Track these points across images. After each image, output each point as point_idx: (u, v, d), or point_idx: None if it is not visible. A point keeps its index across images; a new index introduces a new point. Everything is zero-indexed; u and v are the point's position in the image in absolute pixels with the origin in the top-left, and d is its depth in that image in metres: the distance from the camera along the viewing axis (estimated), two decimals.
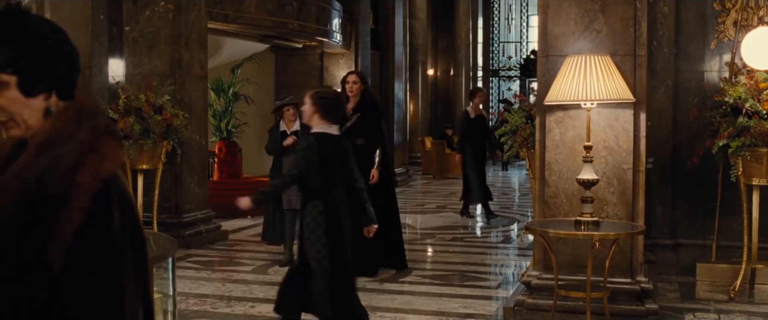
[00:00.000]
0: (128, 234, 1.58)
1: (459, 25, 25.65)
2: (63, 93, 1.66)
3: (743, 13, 7.16)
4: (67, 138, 1.58)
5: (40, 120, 1.61)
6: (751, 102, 6.28)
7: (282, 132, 8.03)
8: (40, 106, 1.62)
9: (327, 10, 13.25)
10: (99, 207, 1.53)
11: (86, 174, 1.54)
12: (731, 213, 6.95)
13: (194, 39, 9.11)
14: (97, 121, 1.64)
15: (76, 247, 1.51)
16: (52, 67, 1.63)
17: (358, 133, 7.28)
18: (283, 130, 8.05)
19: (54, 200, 1.51)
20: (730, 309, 6.20)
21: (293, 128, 8.05)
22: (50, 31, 1.65)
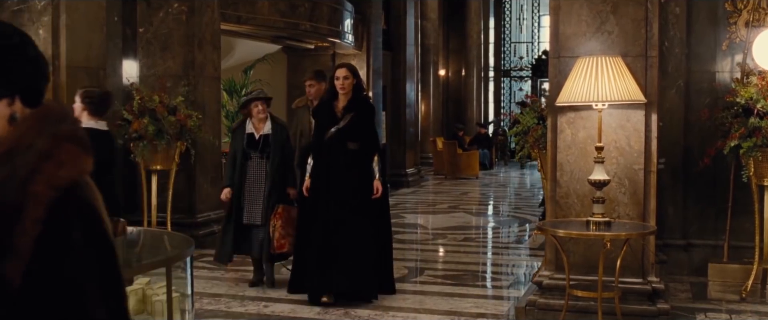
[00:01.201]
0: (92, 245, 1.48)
1: (470, 25, 25.66)
2: (28, 99, 1.56)
3: (755, 14, 7.17)
4: (26, 147, 1.48)
5: (4, 127, 1.53)
6: (762, 102, 6.29)
7: (249, 135, 6.93)
8: (2, 112, 1.53)
9: (339, 11, 13.29)
10: (55, 217, 1.43)
11: (40, 183, 1.45)
12: (743, 213, 6.95)
13: (207, 40, 9.17)
14: (60, 128, 1.53)
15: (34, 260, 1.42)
16: (14, 69, 1.53)
17: (350, 136, 6.43)
18: (250, 132, 6.94)
19: (10, 213, 1.42)
20: (741, 309, 6.22)
21: (263, 130, 6.92)
22: (12, 33, 1.55)
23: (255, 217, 6.86)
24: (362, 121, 6.48)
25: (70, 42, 7.25)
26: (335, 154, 6.38)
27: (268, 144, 6.86)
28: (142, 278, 3.30)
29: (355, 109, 6.43)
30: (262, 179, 6.86)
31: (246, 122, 6.96)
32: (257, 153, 6.89)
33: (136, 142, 8.05)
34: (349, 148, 6.41)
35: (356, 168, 6.39)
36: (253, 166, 6.90)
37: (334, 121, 6.39)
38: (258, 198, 6.86)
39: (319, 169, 6.43)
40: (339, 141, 6.38)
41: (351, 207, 6.33)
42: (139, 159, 8.16)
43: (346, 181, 6.37)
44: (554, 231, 5.38)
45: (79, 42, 7.34)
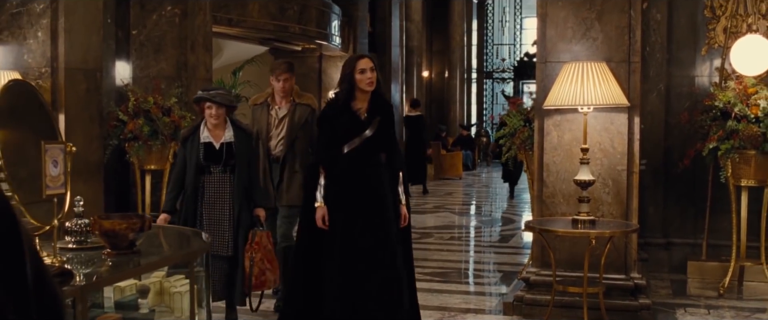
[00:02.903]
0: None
1: (453, 27, 25.91)
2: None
3: (733, 21, 7.43)
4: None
5: None
6: (739, 106, 6.55)
7: (206, 144, 5.57)
8: None
9: (327, 13, 13.50)
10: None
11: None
12: (721, 213, 7.20)
13: (200, 42, 9.34)
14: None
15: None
16: None
17: (379, 145, 5.11)
18: (207, 141, 5.58)
19: None
20: (719, 304, 6.47)
21: (224, 138, 5.59)
22: None
23: (219, 246, 5.41)
24: (388, 126, 5.19)
25: (68, 44, 7.40)
26: (363, 169, 5.06)
27: (232, 154, 5.53)
28: (158, 271, 3.49)
29: (380, 111, 5.12)
30: (226, 198, 5.53)
31: (199, 129, 5.62)
32: (219, 166, 5.53)
33: (131, 143, 8.21)
34: (380, 159, 5.12)
35: (389, 186, 5.12)
36: (212, 183, 5.52)
37: (358, 127, 5.04)
38: (222, 222, 5.51)
39: (341, 190, 5.04)
40: (367, 152, 5.06)
41: (387, 237, 5.03)
42: (134, 159, 8.32)
43: (380, 204, 5.06)
44: (541, 229, 5.61)
45: (76, 44, 7.49)
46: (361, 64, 5.05)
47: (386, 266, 4.97)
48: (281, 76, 6.28)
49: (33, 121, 2.93)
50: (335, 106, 5.15)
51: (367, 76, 5.00)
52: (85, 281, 2.59)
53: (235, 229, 5.52)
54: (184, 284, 3.47)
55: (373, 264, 4.96)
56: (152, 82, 8.76)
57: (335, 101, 5.18)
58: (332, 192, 5.04)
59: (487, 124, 28.29)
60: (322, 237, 5.02)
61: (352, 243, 4.98)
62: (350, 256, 4.98)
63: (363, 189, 5.05)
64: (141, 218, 3.18)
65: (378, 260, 4.97)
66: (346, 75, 5.09)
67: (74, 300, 2.39)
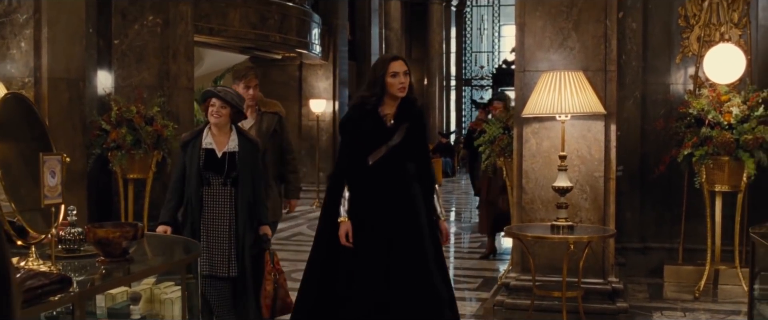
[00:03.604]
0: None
1: (432, 35, 26.09)
2: None
3: (706, 30, 7.60)
4: None
5: None
6: (713, 113, 6.71)
7: (207, 151, 5.04)
8: None
9: (307, 22, 13.61)
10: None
11: None
12: (696, 217, 7.35)
13: (181, 52, 9.40)
14: None
15: None
16: None
17: (407, 155, 4.64)
18: (208, 147, 5.05)
19: None
20: (695, 307, 6.62)
21: (228, 146, 5.05)
22: None
23: (220, 266, 4.94)
24: (418, 134, 4.72)
25: (51, 54, 7.44)
26: (390, 182, 4.61)
27: (234, 165, 4.99)
28: (148, 279, 3.57)
29: (409, 117, 4.65)
30: (225, 214, 5.00)
31: (202, 134, 5.11)
32: (220, 177, 4.99)
33: (114, 152, 8.26)
34: (409, 171, 4.66)
35: (421, 201, 4.67)
36: (212, 196, 5.00)
37: (383, 135, 4.59)
38: (223, 239, 5.00)
39: (367, 205, 4.58)
40: (394, 163, 4.61)
41: (422, 258, 4.59)
42: (117, 168, 8.37)
43: (413, 221, 4.61)
44: (521, 234, 5.73)
45: (59, 54, 7.54)
46: (394, 67, 4.53)
47: (425, 291, 4.50)
48: (252, 83, 5.88)
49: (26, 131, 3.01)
50: (361, 110, 4.62)
51: (400, 80, 4.52)
52: (81, 288, 2.67)
53: (239, 249, 4.96)
54: (175, 291, 3.56)
55: (409, 289, 4.47)
56: (134, 91, 8.83)
57: (361, 105, 4.62)
58: (356, 208, 4.56)
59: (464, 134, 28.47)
60: (341, 255, 4.55)
61: (379, 265, 4.47)
62: (377, 279, 4.47)
63: (392, 205, 4.55)
64: (134, 226, 3.26)
65: (415, 284, 4.48)
66: (378, 78, 4.54)
67: (73, 306, 2.48)
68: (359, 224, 4.55)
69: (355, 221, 4.56)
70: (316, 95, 15.16)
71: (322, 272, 4.66)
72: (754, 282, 4.09)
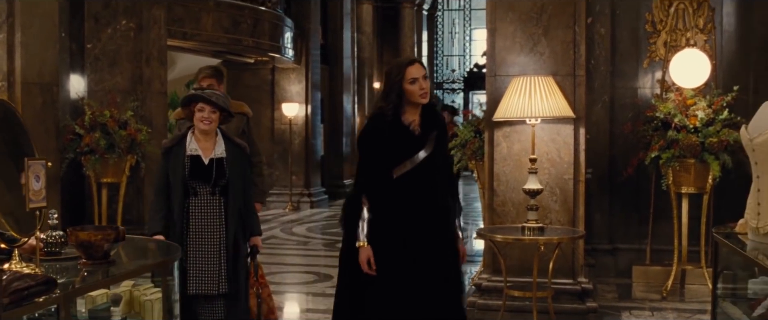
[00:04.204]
0: None
1: (404, 39, 26.15)
2: None
3: (672, 35, 7.76)
4: None
5: None
6: (679, 117, 6.86)
7: (193, 157, 4.67)
8: None
9: (280, 26, 13.66)
10: None
11: None
12: (663, 219, 7.49)
13: (155, 56, 9.43)
14: None
15: None
16: None
17: (436, 169, 4.20)
18: (193, 153, 4.67)
19: None
20: (662, 307, 6.77)
21: (215, 152, 4.71)
22: None
23: (209, 284, 4.57)
24: (444, 143, 4.38)
25: (24, 59, 7.45)
26: (418, 199, 4.15)
27: (223, 172, 4.65)
28: (127, 281, 3.63)
29: (436, 125, 4.26)
30: (215, 225, 4.63)
31: (185, 139, 4.71)
32: (208, 186, 4.62)
33: (88, 156, 8.27)
34: (439, 184, 4.23)
35: (447, 213, 4.28)
36: (199, 206, 4.62)
37: (411, 146, 4.15)
38: (212, 253, 4.60)
39: (391, 226, 4.12)
40: (423, 178, 4.14)
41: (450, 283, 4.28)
42: (90, 172, 8.39)
43: (439, 242, 4.21)
44: (492, 236, 5.84)
45: (33, 58, 7.55)
46: (412, 72, 4.13)
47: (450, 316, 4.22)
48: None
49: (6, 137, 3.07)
50: (382, 120, 4.17)
51: (420, 86, 4.12)
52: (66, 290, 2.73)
53: (231, 262, 4.61)
54: (154, 292, 3.62)
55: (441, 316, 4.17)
56: (108, 95, 8.84)
57: (381, 114, 4.18)
58: (379, 229, 4.11)
59: None
60: (366, 281, 4.11)
61: (406, 291, 4.08)
62: (405, 306, 4.09)
63: (419, 225, 4.12)
64: (116, 229, 3.33)
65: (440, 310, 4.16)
66: (394, 84, 4.14)
67: (58, 307, 2.55)
68: (385, 246, 4.08)
69: (381, 242, 4.09)
70: (288, 99, 15.20)
71: (351, 299, 4.21)
72: (717, 281, 4.22)
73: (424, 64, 4.31)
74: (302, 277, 8.51)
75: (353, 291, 4.20)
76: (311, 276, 8.18)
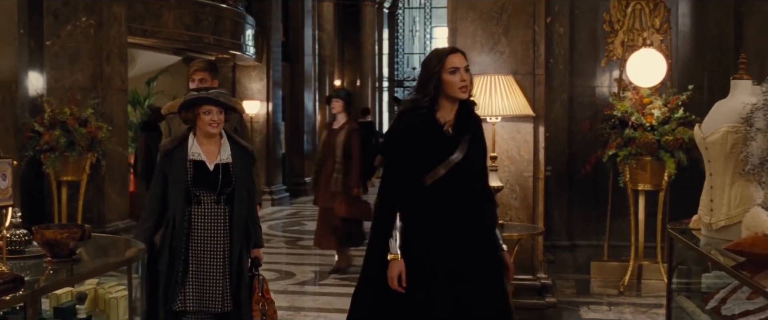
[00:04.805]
0: None
1: (365, 36, 26.20)
2: None
3: (629, 35, 7.90)
4: None
5: None
6: (636, 115, 6.99)
7: (196, 163, 4.30)
8: None
9: (241, 24, 13.63)
10: None
11: None
12: (620, 215, 7.62)
13: (115, 53, 9.38)
14: None
15: None
16: None
17: (472, 173, 3.74)
18: (197, 159, 4.30)
19: None
20: (619, 301, 6.90)
21: (220, 157, 4.34)
22: None
23: (212, 300, 4.23)
24: (481, 146, 3.85)
25: None
26: (455, 206, 3.69)
27: (229, 179, 4.28)
28: (92, 279, 3.64)
29: (471, 126, 3.76)
30: (220, 236, 4.27)
31: (187, 141, 4.30)
32: (213, 194, 4.25)
33: (48, 154, 8.21)
34: (476, 192, 3.76)
35: (488, 226, 3.82)
36: (202, 216, 4.25)
37: (444, 148, 3.67)
38: (216, 267, 4.24)
39: (428, 234, 3.65)
40: (458, 184, 3.68)
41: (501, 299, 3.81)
42: (50, 170, 8.32)
43: (481, 256, 3.74)
44: None
45: None
46: (453, 61, 3.64)
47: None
48: (196, 75, 5.20)
49: None
50: (413, 117, 3.68)
51: (461, 78, 3.62)
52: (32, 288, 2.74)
53: (235, 278, 4.27)
54: (120, 290, 3.63)
55: None
56: (68, 93, 8.78)
57: (415, 108, 3.69)
58: (412, 243, 3.62)
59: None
60: (393, 300, 3.62)
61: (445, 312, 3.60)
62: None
63: (456, 239, 3.65)
64: (81, 227, 3.34)
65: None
66: (432, 75, 3.63)
67: (24, 306, 2.56)
68: (414, 263, 3.60)
69: (410, 259, 3.60)
70: (249, 96, 15.18)
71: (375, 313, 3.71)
72: (672, 276, 4.32)
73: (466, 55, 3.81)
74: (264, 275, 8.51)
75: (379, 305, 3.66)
76: (273, 274, 8.20)
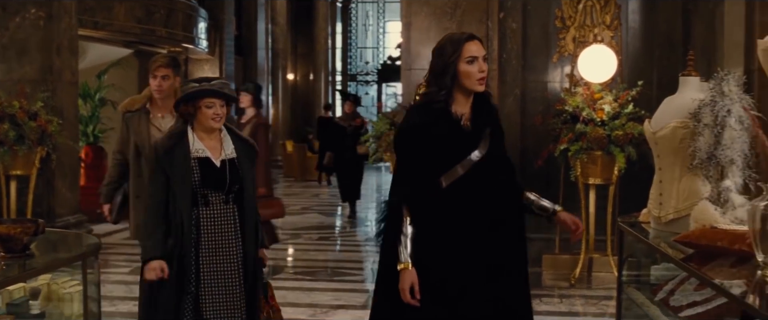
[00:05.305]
0: None
1: (318, 30, 26.19)
2: None
3: (580, 31, 8.01)
4: None
5: None
6: (587, 110, 7.09)
7: (201, 160, 3.92)
8: None
9: (193, 17, 13.54)
10: None
11: None
12: (572, 209, 7.61)
13: (65, 46, 9.26)
14: None
15: None
16: None
17: (495, 172, 3.39)
18: (201, 155, 3.92)
19: None
20: (571, 294, 7.00)
21: (224, 151, 3.98)
22: None
23: (229, 310, 3.89)
24: (501, 140, 3.52)
25: None
26: (477, 208, 3.31)
27: (237, 175, 3.95)
28: (45, 274, 3.60)
29: (490, 119, 3.44)
30: (231, 239, 3.93)
31: (186, 137, 3.93)
32: (221, 193, 3.92)
33: None
34: (500, 194, 3.38)
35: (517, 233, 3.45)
36: (212, 218, 3.91)
37: (464, 144, 3.33)
38: (230, 273, 3.91)
39: (446, 241, 3.27)
40: (480, 184, 3.32)
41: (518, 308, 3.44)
42: None
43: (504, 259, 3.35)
44: None
45: None
46: (471, 49, 3.29)
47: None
48: (159, 71, 4.86)
49: None
50: (429, 111, 3.32)
51: (480, 68, 3.29)
52: None
53: (249, 285, 3.95)
54: (73, 285, 3.61)
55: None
56: (16, 85, 8.66)
57: (429, 103, 3.33)
58: (428, 251, 3.24)
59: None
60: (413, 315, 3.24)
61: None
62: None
63: (478, 248, 3.26)
64: (35, 222, 3.31)
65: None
66: (448, 65, 3.28)
67: None
68: (429, 271, 3.23)
69: (424, 267, 3.23)
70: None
71: None
72: (622, 268, 4.40)
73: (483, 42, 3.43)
74: None
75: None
76: None
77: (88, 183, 12.07)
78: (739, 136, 3.52)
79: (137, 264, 7.74)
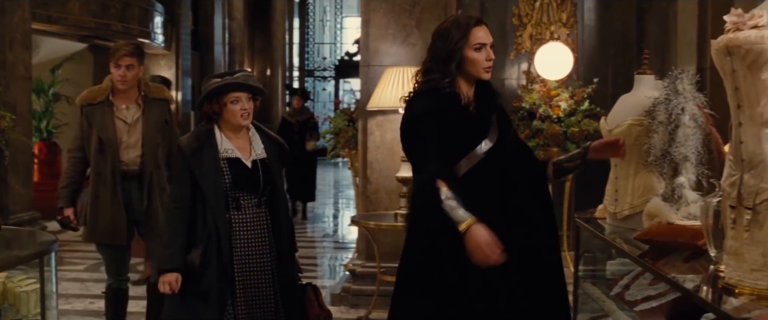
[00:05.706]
0: None
1: (275, 25, 26.06)
2: None
3: (537, 28, 8.07)
4: None
5: None
6: (543, 107, 7.16)
7: (232, 160, 3.68)
8: None
9: (149, 11, 13.40)
10: None
11: None
12: None
13: (18, 40, 9.13)
14: None
15: None
16: None
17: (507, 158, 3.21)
18: (231, 156, 3.68)
19: None
20: None
21: (254, 151, 3.73)
22: None
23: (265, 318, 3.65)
24: (509, 123, 3.38)
25: None
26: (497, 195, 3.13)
27: (270, 177, 3.70)
28: (0, 273, 3.55)
29: (494, 105, 3.29)
30: (265, 246, 3.68)
31: (214, 137, 3.66)
32: (254, 196, 3.67)
33: None
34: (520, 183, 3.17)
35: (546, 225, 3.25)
36: (245, 223, 3.65)
37: (478, 130, 3.17)
38: (264, 283, 3.65)
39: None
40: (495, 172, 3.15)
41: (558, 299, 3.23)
42: None
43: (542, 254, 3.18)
44: (366, 223, 5.97)
45: None
46: (479, 36, 3.15)
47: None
48: (123, 61, 4.62)
49: None
50: (438, 97, 3.15)
51: (487, 56, 3.17)
52: None
53: (287, 292, 3.70)
54: (30, 283, 3.56)
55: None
56: None
57: (436, 89, 3.16)
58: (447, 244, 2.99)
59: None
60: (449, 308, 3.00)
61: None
62: None
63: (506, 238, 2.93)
64: None
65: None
66: (453, 51, 3.11)
67: None
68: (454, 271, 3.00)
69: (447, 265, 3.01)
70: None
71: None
72: (578, 263, 4.47)
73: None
74: None
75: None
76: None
77: (41, 179, 11.91)
78: (693, 134, 3.59)
79: (93, 262, 7.73)
